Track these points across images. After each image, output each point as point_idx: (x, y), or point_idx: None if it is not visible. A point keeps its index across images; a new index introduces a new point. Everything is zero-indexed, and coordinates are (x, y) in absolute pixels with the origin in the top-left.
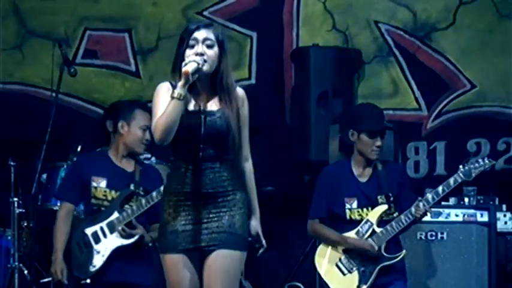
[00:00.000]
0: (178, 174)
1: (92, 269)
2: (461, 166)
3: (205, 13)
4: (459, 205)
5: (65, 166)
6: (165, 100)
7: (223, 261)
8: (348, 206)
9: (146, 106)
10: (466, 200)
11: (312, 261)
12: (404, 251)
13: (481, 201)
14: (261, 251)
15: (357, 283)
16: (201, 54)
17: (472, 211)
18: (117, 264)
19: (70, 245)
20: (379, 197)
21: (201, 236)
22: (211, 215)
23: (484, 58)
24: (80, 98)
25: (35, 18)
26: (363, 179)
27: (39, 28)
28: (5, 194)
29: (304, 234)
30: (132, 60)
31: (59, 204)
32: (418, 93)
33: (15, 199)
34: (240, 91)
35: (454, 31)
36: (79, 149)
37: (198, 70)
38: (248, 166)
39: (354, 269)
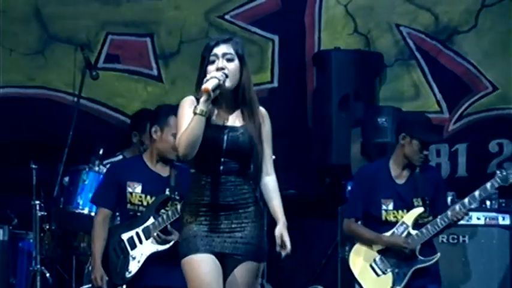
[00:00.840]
0: (199, 186)
1: (128, 275)
2: (498, 171)
3: (227, 17)
4: (481, 208)
5: (87, 169)
6: (189, 114)
7: (247, 274)
8: (384, 207)
9: None
10: (488, 203)
11: (333, 264)
12: (438, 254)
13: (503, 205)
14: (284, 254)
15: (390, 284)
16: (222, 69)
17: (493, 214)
18: (152, 270)
19: (107, 250)
20: (414, 199)
21: (225, 243)
22: (233, 225)
23: (505, 60)
24: (101, 103)
25: (57, 23)
26: (400, 181)
27: (61, 33)
28: (26, 197)
29: (325, 237)
30: (154, 65)
31: (89, 210)
32: (439, 96)
33: (37, 202)
34: (262, 110)
35: (476, 34)
36: (101, 152)
37: (219, 86)
38: (270, 180)
39: (388, 270)
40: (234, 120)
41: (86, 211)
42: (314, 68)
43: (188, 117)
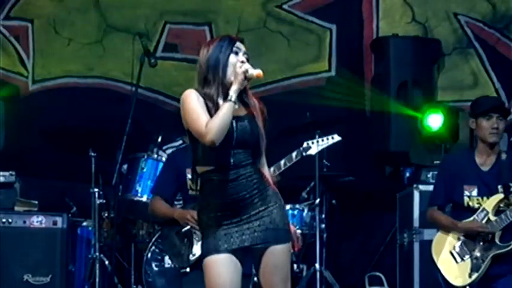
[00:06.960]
0: (211, 187)
1: (192, 258)
2: None
3: (284, 6)
4: None
5: (146, 157)
6: (202, 104)
7: (272, 258)
8: (467, 193)
9: None
10: None
11: (392, 252)
12: None
13: None
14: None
15: (468, 271)
16: (244, 62)
17: None
18: None
19: (170, 234)
20: (499, 186)
21: (244, 236)
22: (251, 216)
23: None
24: (159, 92)
25: (116, 12)
26: (485, 168)
27: (120, 22)
28: (85, 184)
29: (384, 223)
30: None
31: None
32: (498, 85)
33: (96, 190)
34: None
35: None
36: (159, 139)
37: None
38: (266, 173)
39: (467, 256)
40: (237, 111)
41: (144, 199)
42: (372, 55)
43: (202, 107)
